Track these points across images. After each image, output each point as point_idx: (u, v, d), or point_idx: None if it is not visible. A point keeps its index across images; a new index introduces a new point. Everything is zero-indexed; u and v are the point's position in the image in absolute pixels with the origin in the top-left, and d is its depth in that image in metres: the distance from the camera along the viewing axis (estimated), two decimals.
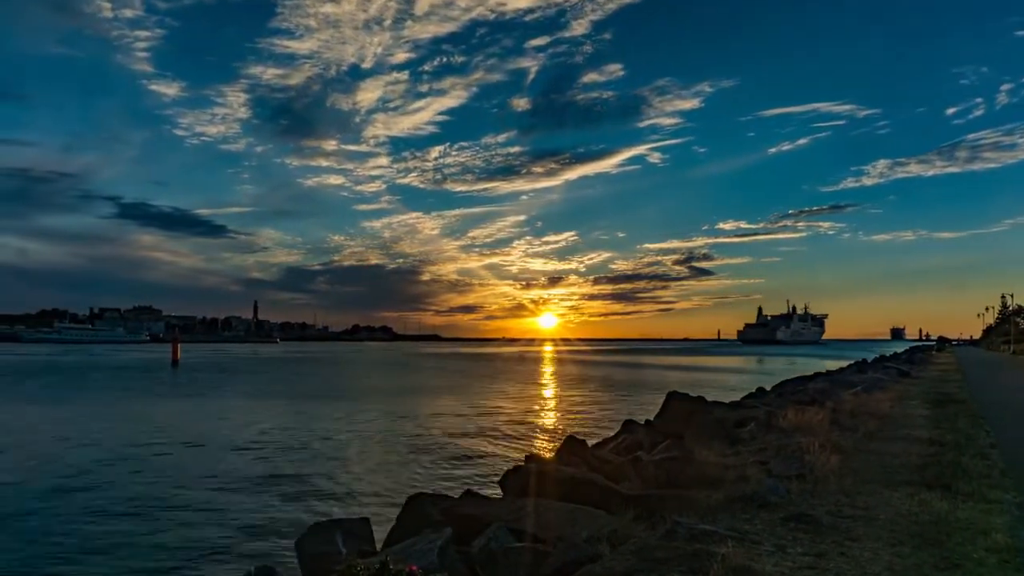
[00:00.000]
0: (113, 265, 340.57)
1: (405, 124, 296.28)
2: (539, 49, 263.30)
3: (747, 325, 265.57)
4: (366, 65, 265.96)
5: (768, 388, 26.79)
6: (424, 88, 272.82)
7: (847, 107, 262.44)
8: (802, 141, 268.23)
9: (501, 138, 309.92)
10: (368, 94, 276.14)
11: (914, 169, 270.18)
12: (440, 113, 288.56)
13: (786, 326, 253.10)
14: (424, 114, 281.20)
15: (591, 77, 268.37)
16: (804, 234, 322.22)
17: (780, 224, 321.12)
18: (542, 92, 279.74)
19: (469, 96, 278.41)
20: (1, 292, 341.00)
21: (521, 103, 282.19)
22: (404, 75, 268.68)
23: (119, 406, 34.52)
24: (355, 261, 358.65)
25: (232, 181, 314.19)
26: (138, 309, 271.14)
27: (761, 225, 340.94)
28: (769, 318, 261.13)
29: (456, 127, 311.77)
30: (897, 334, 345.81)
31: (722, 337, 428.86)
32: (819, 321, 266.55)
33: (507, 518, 6.92)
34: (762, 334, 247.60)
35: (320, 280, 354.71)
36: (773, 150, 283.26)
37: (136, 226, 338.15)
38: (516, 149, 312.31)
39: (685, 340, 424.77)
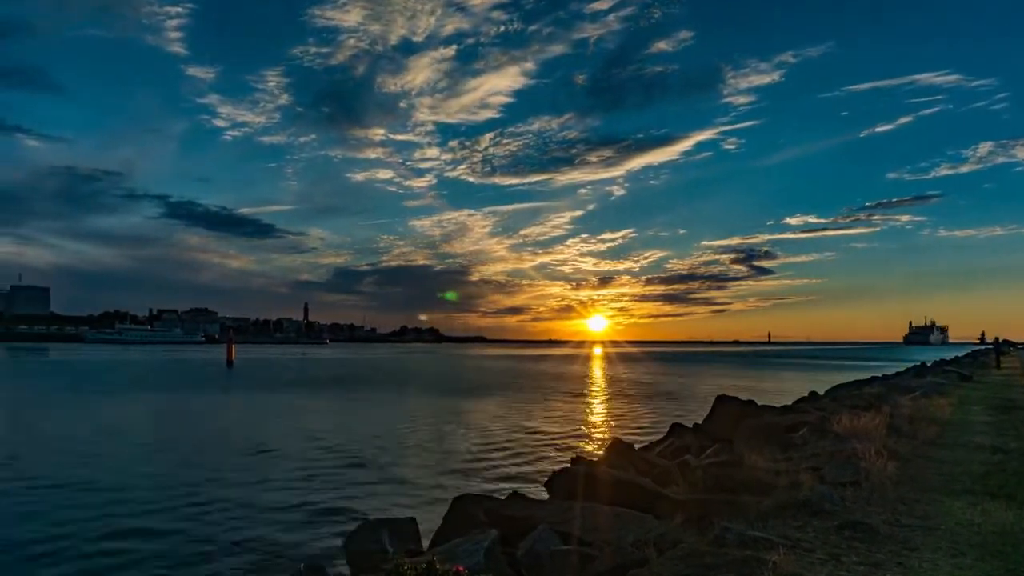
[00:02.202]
0: (166, 267, 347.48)
1: (456, 107, 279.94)
2: (603, 13, 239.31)
3: (909, 333, 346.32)
4: (417, 39, 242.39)
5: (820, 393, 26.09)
6: (479, 65, 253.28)
7: (952, 78, 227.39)
8: (904, 119, 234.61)
9: (555, 124, 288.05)
10: (418, 75, 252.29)
11: (1021, 153, 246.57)
12: (493, 94, 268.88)
13: (932, 334, 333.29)
14: (476, 95, 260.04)
15: (658, 46, 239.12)
16: (877, 229, 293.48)
17: (852, 218, 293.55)
18: (603, 66, 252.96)
19: (524, 72, 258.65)
20: (65, 294, 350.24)
21: (580, 79, 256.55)
22: (457, 50, 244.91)
23: (179, 404, 35.69)
24: (403, 261, 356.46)
25: (276, 176, 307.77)
26: (195, 311, 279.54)
27: (831, 220, 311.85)
28: (916, 327, 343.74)
29: (510, 109, 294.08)
30: (921, 337, 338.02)
31: (772, 339, 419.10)
32: (944, 330, 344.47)
33: (553, 520, 6.90)
34: (920, 339, 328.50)
35: (368, 281, 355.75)
36: (865, 132, 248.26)
37: (184, 226, 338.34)
38: (573, 134, 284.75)
39: (736, 343, 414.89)
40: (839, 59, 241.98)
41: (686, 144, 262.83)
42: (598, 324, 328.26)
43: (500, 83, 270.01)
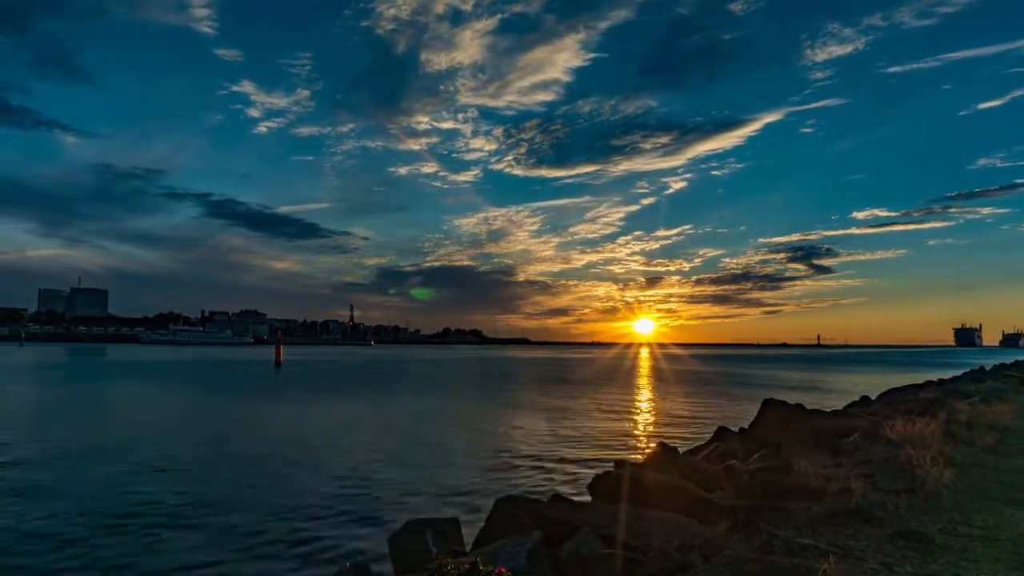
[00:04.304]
0: (213, 268, 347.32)
1: (503, 89, 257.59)
2: None
3: (1004, 338, 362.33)
4: (464, 6, 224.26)
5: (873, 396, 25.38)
6: (530, 37, 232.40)
7: None
8: (1018, 92, 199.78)
9: (608, 106, 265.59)
10: (464, 51, 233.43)
11: None
12: (543, 71, 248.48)
13: (1021, 338, 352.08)
14: (525, 73, 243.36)
15: (732, 7, 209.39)
16: (953, 223, 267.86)
17: (926, 211, 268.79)
18: (666, 35, 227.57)
19: (580, 44, 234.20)
20: (121, 296, 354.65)
21: (639, 51, 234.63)
22: (506, 19, 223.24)
23: (231, 403, 36.63)
24: (447, 262, 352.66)
25: (315, 172, 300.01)
26: (244, 312, 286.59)
27: (902, 213, 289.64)
28: (1007, 334, 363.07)
29: (560, 90, 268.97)
30: (965, 338, 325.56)
31: (822, 342, 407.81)
32: None
33: (597, 524, 6.86)
34: (1013, 343, 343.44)
35: (411, 282, 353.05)
36: (964, 111, 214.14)
37: (225, 226, 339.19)
38: (628, 114, 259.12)
39: (783, 345, 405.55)
40: (938, 21, 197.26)
41: (753, 128, 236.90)
42: (644, 326, 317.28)
43: (552, 58, 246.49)
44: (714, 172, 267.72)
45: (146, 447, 21.40)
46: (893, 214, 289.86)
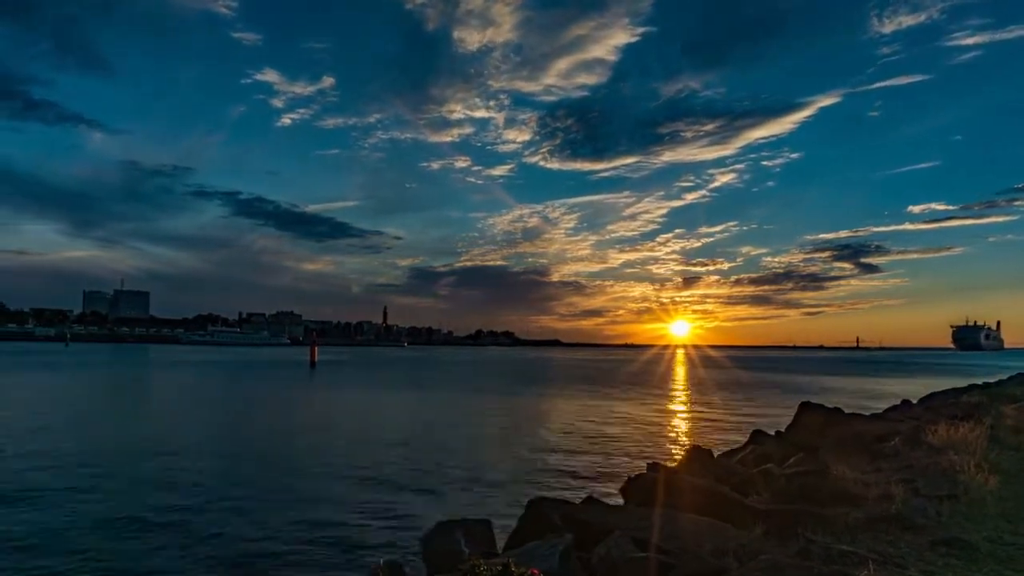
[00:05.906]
0: (247, 269, 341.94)
1: (540, 73, 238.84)
2: None
3: None
4: None
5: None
6: (569, 13, 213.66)
7: None
8: None
9: (647, 91, 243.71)
10: (498, 29, 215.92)
11: None
12: (584, 51, 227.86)
13: None
14: (563, 54, 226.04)
15: None
16: (1016, 218, 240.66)
17: (988, 204, 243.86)
18: (714, 6, 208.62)
19: (628, 19, 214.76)
20: (161, 297, 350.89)
21: (684, 23, 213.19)
22: None
23: (268, 400, 37.26)
24: (480, 262, 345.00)
25: (342, 167, 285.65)
26: (280, 314, 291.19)
27: (960, 207, 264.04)
28: None
29: (603, 71, 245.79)
30: (968, 339, 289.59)
31: (861, 345, 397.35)
32: None
33: (629, 527, 6.82)
34: None
35: (444, 283, 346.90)
36: None
37: (255, 225, 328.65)
38: (673, 94, 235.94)
39: (820, 347, 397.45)
40: None
41: (807, 112, 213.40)
42: (679, 328, 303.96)
43: (594, 35, 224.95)
44: (765, 163, 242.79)
45: (196, 440, 21.88)
46: (951, 208, 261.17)
